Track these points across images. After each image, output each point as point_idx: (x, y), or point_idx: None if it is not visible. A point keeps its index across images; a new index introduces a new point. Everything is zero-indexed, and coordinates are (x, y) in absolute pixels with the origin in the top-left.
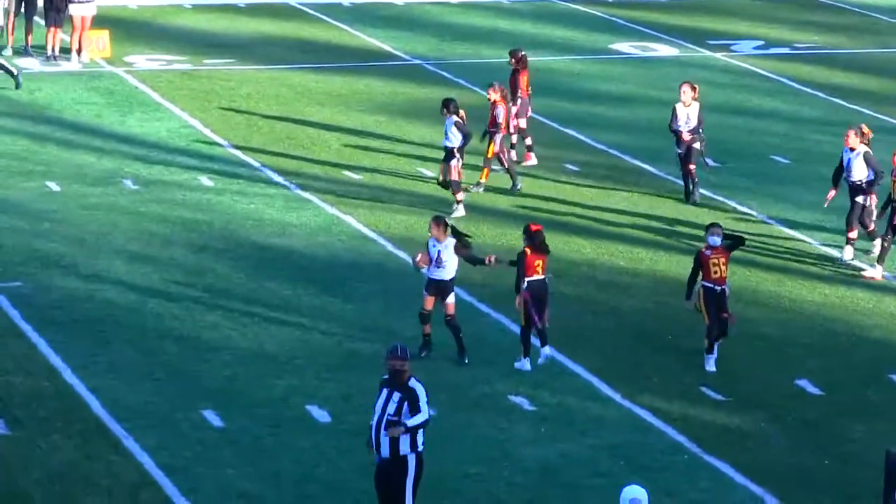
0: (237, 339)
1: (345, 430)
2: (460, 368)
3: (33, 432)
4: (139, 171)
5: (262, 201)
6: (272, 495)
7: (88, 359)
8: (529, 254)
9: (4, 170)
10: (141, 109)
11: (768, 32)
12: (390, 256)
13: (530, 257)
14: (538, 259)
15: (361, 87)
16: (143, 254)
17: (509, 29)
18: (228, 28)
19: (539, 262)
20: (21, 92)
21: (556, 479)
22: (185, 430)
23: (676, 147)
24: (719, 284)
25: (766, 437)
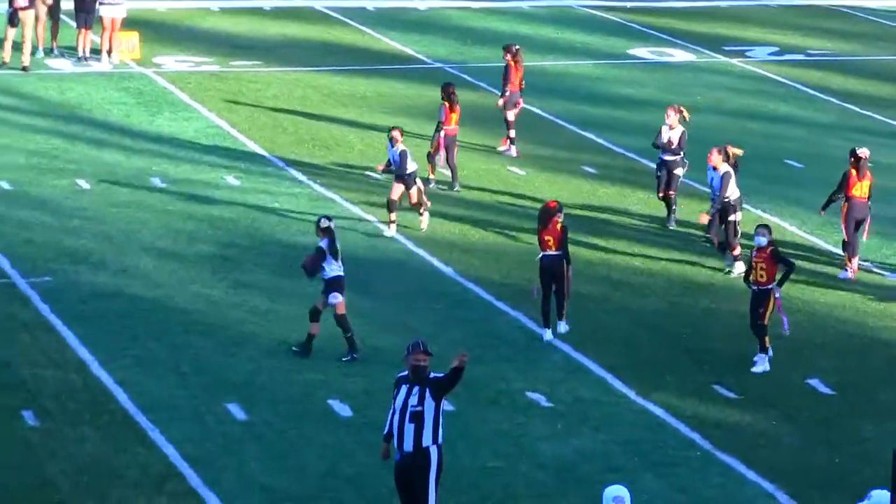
0: (261, 334)
1: (366, 425)
2: (479, 365)
3: (62, 424)
4: (167, 170)
5: (287, 200)
6: (294, 488)
7: (116, 352)
8: (540, 229)
9: (36, 168)
10: (169, 110)
11: (782, 39)
12: (410, 255)
13: (540, 232)
14: (547, 235)
15: (384, 90)
16: (171, 250)
17: (529, 33)
18: (255, 31)
19: (549, 237)
20: (53, 92)
21: (572, 474)
22: (209, 423)
23: (657, 170)
24: (758, 285)
25: (778, 436)
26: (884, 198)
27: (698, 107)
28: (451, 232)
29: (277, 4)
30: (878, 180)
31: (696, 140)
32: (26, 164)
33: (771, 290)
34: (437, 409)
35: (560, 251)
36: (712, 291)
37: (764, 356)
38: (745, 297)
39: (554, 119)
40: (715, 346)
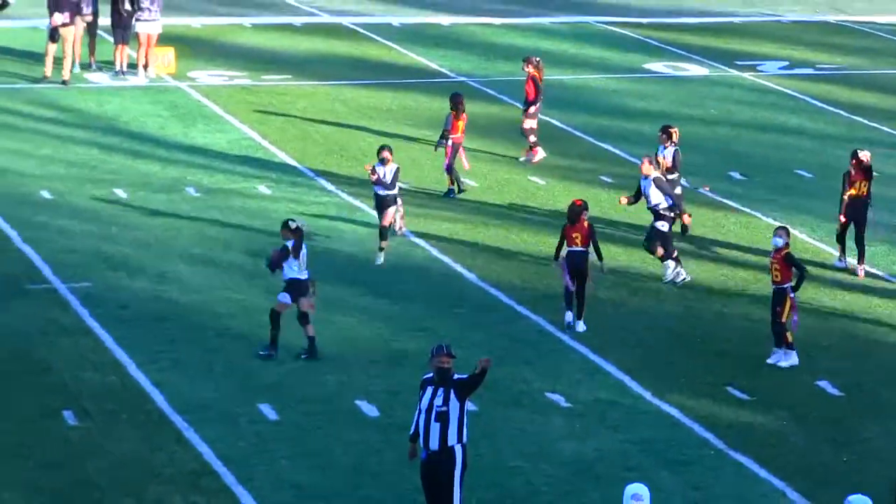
0: (291, 337)
1: (392, 425)
2: (501, 367)
3: (101, 423)
4: (201, 180)
5: (316, 208)
6: (323, 485)
7: (153, 355)
8: (567, 226)
9: (76, 178)
10: (203, 122)
11: (793, 53)
12: (434, 261)
13: (567, 229)
14: (574, 232)
15: (409, 103)
16: (205, 257)
17: (550, 48)
18: (285, 46)
19: (577, 234)
20: (91, 105)
21: (590, 473)
22: (242, 422)
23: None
24: (775, 284)
25: (788, 435)
26: (889, 206)
27: (711, 119)
28: (474, 238)
29: (307, 21)
30: (886, 190)
31: (710, 151)
32: (66, 175)
33: (786, 290)
34: (461, 409)
35: (586, 247)
36: (725, 296)
37: (791, 352)
38: (756, 302)
39: (573, 131)
40: (727, 348)
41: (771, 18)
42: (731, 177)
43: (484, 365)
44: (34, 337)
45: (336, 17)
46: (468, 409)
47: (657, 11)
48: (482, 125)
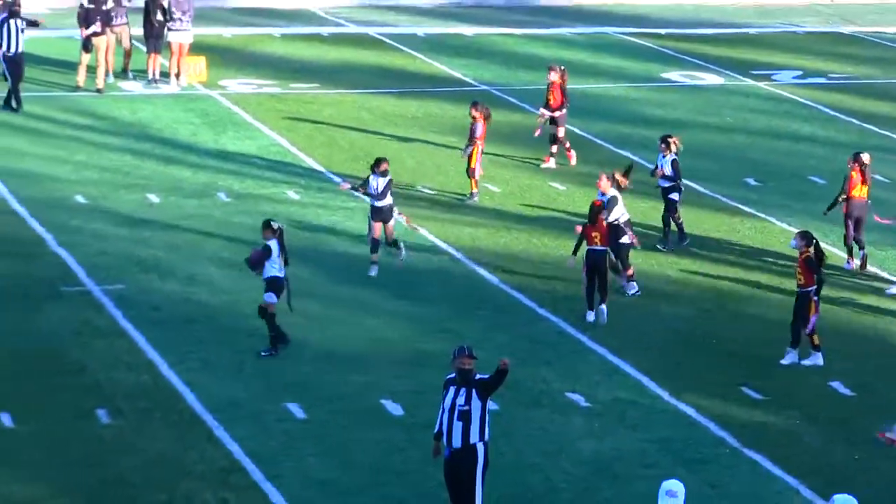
0: (318, 338)
1: (416, 423)
2: (522, 368)
3: (134, 422)
4: (231, 185)
5: (343, 213)
6: (349, 482)
7: (184, 355)
8: (587, 226)
9: (110, 183)
10: (233, 129)
11: (806, 63)
12: (458, 264)
13: (587, 229)
14: (594, 231)
15: (434, 110)
16: (234, 260)
17: (569, 58)
18: (313, 56)
19: (596, 234)
20: (125, 112)
21: (609, 471)
22: (270, 421)
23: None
24: (799, 287)
25: (801, 434)
26: None
27: (727, 127)
28: (496, 243)
29: (335, 31)
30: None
31: (727, 158)
32: (100, 180)
33: (809, 293)
34: (482, 408)
35: (605, 247)
36: (740, 300)
37: (794, 353)
38: (770, 305)
39: (592, 138)
40: (742, 350)
41: (785, 30)
42: (747, 183)
43: (503, 366)
44: (69, 338)
45: (363, 28)
46: (490, 409)
47: (674, 22)
48: (504, 132)
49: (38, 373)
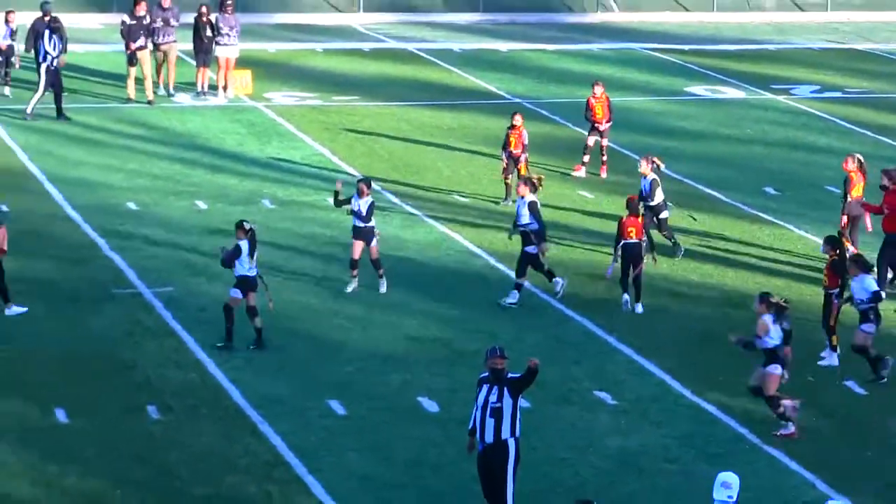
0: (358, 338)
1: (452, 420)
2: (551, 367)
3: (182, 417)
4: (276, 192)
5: (382, 219)
6: (387, 475)
7: (230, 354)
8: (624, 219)
9: (161, 190)
10: (278, 139)
11: (823, 78)
12: (492, 269)
13: (625, 222)
14: (631, 226)
15: (468, 122)
16: (278, 264)
17: (598, 73)
18: (354, 69)
19: (632, 228)
20: (175, 123)
21: (634, 465)
22: (312, 417)
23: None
24: (825, 289)
25: (818, 431)
26: None
27: (748, 138)
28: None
29: (375, 46)
30: None
31: (747, 168)
32: (151, 187)
33: (832, 296)
34: (514, 405)
35: (640, 240)
36: None
37: (832, 353)
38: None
39: (619, 149)
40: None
41: (803, 46)
42: (766, 192)
43: (533, 365)
44: (121, 338)
45: (401, 43)
46: (521, 406)
47: (697, 39)
48: (535, 143)
49: (91, 371)
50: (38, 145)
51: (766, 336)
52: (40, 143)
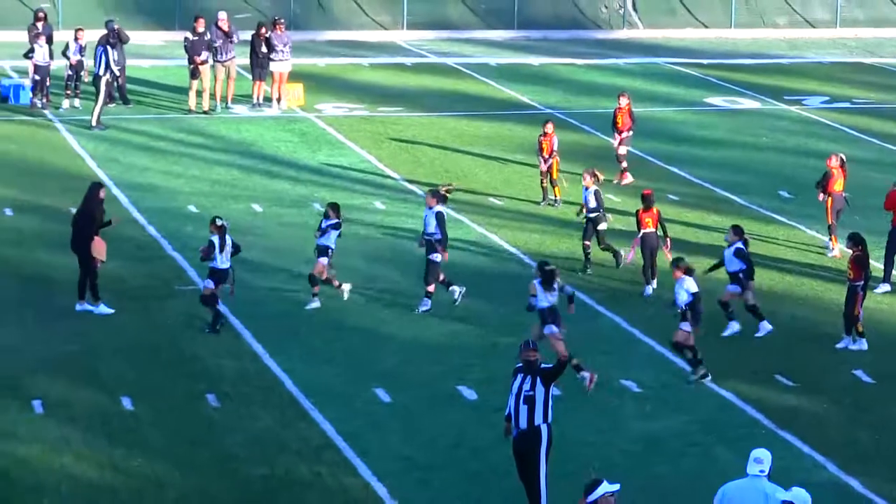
0: (402, 331)
1: (488, 406)
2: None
3: (239, 405)
4: (325, 196)
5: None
6: (428, 458)
7: (283, 346)
8: (641, 211)
9: (219, 194)
10: (328, 147)
11: (833, 90)
12: (526, 267)
13: (641, 214)
14: (648, 216)
15: (504, 131)
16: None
17: (624, 85)
18: (398, 82)
19: (649, 218)
20: (232, 132)
21: (658, 448)
22: (359, 404)
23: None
24: (849, 281)
25: (828, 417)
26: None
27: (763, 146)
28: (559, 248)
29: (417, 61)
30: None
31: (762, 173)
32: (210, 191)
33: (856, 287)
34: (546, 393)
35: (655, 229)
36: (773, 299)
37: (849, 339)
38: (801, 303)
39: (643, 156)
40: (775, 342)
41: (814, 60)
42: (780, 195)
43: (563, 358)
44: (183, 330)
45: (442, 58)
46: (553, 394)
47: (716, 54)
48: (565, 150)
49: (155, 362)
50: (105, 153)
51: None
52: (108, 151)
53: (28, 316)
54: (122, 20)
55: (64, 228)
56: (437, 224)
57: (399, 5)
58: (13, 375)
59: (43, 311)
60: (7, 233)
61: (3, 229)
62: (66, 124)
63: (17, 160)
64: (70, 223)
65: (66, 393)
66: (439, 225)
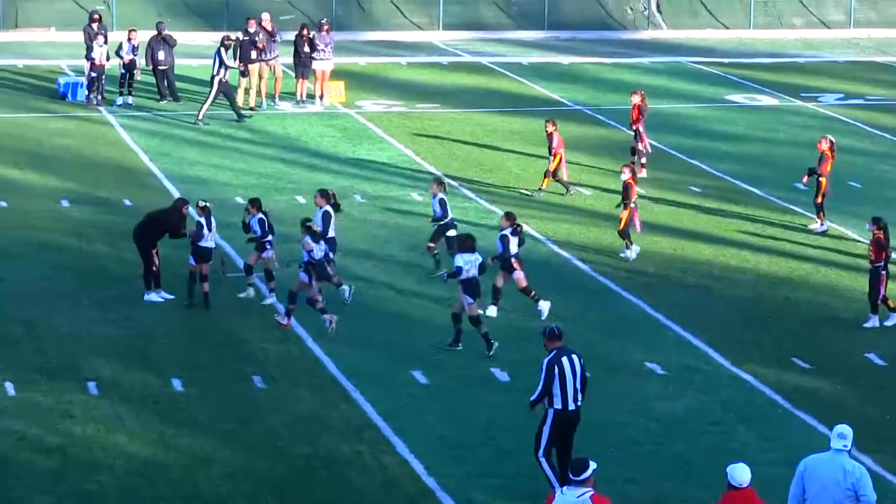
0: (439, 316)
1: (520, 388)
2: (608, 341)
3: (283, 386)
4: (366, 189)
5: (459, 212)
6: (463, 437)
7: (325, 330)
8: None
9: (264, 186)
10: (368, 142)
11: (847, 87)
12: (555, 255)
13: (632, 184)
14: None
15: (535, 126)
16: (368, 251)
17: (649, 83)
18: (434, 80)
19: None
20: (277, 128)
21: (680, 427)
22: (398, 385)
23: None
24: (871, 263)
25: (843, 397)
26: None
27: (780, 140)
28: (587, 237)
29: (453, 60)
30: None
31: (780, 166)
32: (257, 184)
33: (879, 269)
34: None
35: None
36: (791, 285)
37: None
38: (817, 289)
39: (667, 150)
40: (793, 327)
41: (829, 59)
42: (797, 187)
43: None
44: (229, 316)
45: (476, 57)
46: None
47: (736, 53)
48: (592, 145)
49: (203, 344)
50: (157, 147)
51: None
52: (160, 146)
53: (83, 302)
54: (173, 21)
55: (118, 219)
56: (441, 208)
57: (436, 7)
58: (69, 358)
59: (97, 297)
60: (64, 223)
61: (60, 220)
62: (120, 120)
63: (74, 155)
64: (139, 216)
65: (119, 375)
66: (442, 209)
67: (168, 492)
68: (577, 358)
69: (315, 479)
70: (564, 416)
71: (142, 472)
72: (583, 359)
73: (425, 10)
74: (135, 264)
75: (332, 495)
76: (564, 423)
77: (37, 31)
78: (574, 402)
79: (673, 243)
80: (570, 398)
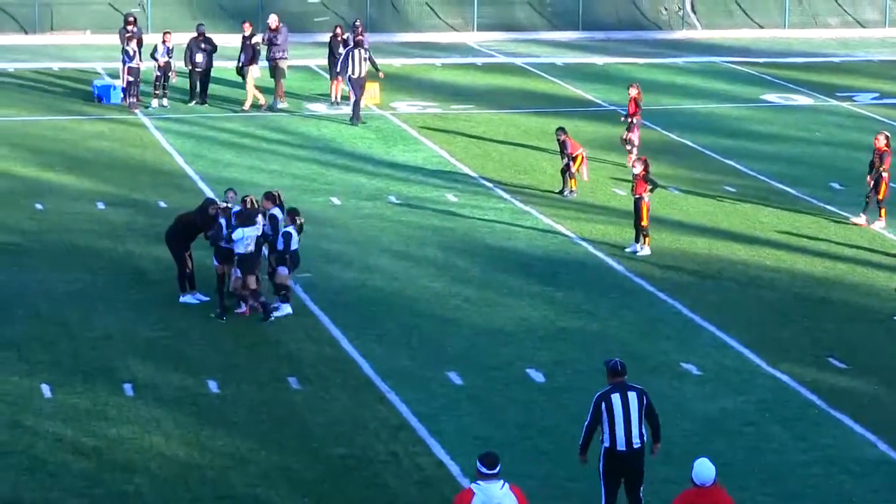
0: (474, 317)
1: (555, 388)
2: (645, 342)
3: (319, 387)
4: (401, 190)
5: (494, 213)
6: (499, 437)
7: (360, 332)
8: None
9: (299, 188)
10: (402, 143)
11: (882, 87)
12: (590, 255)
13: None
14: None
15: (570, 127)
16: (403, 252)
17: (683, 83)
18: (469, 81)
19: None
20: (311, 129)
21: (717, 427)
22: (433, 386)
23: None
24: None
25: (879, 397)
26: None
27: (816, 140)
28: (623, 237)
29: (487, 61)
30: None
31: (815, 165)
32: (291, 185)
33: None
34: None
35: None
36: (826, 285)
37: None
38: (852, 289)
39: (702, 150)
40: (828, 326)
41: (864, 59)
42: (832, 187)
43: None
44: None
45: (510, 58)
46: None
47: (771, 53)
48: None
49: (239, 346)
50: (192, 149)
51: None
52: (194, 148)
53: (119, 304)
54: (208, 23)
55: (153, 221)
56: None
57: (470, 8)
58: (105, 360)
59: (133, 299)
60: (99, 225)
61: (96, 222)
62: (155, 122)
63: (109, 156)
64: (173, 218)
65: (154, 376)
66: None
67: (204, 493)
68: (637, 395)
69: (350, 480)
70: (615, 457)
71: (178, 474)
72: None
73: (459, 12)
74: (170, 266)
75: (367, 496)
76: (617, 463)
77: (72, 34)
78: (626, 442)
79: (708, 243)
80: (620, 437)
